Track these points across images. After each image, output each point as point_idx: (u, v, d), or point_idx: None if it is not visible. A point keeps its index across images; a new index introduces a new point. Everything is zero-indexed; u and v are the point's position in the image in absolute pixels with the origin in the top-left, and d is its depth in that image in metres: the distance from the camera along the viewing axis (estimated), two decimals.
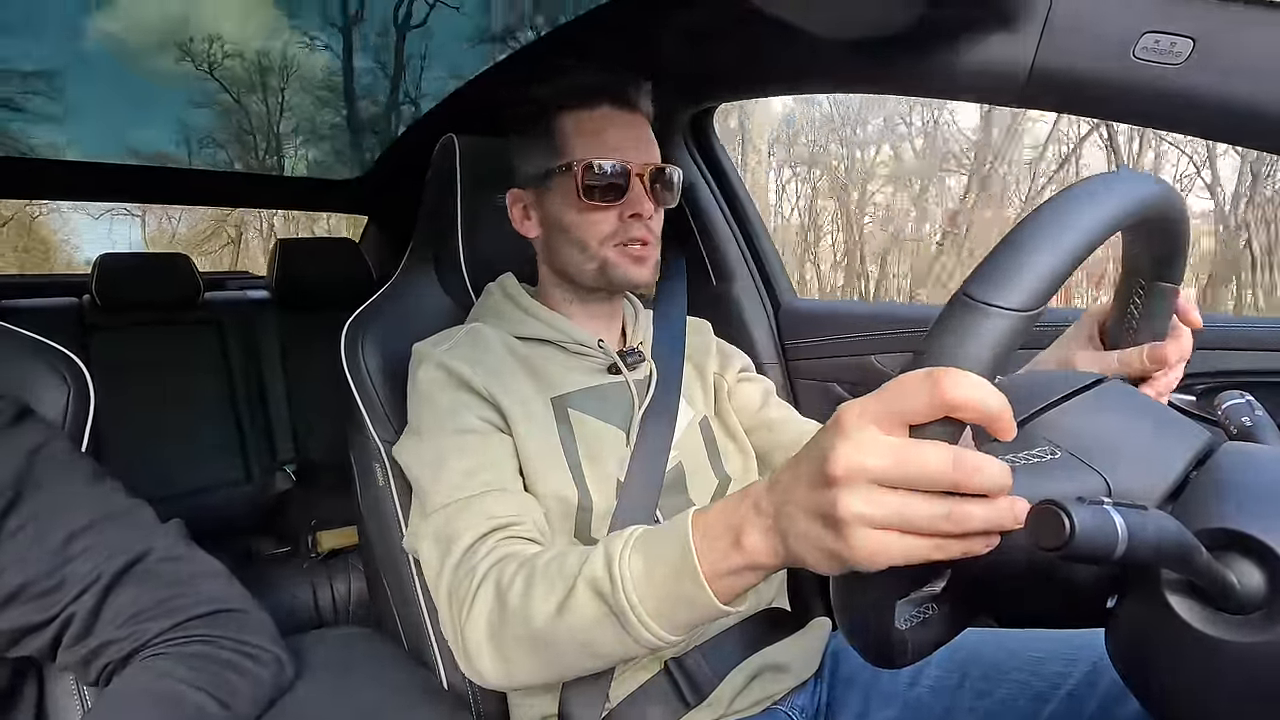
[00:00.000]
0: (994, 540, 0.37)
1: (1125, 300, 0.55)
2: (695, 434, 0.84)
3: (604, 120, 0.79)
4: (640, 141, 0.80)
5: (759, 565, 0.45)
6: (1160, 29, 0.60)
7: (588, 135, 0.79)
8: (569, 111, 0.79)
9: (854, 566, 0.38)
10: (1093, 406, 0.45)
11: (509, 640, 0.59)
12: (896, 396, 0.36)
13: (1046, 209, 0.39)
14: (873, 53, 0.81)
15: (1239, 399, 0.49)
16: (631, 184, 0.78)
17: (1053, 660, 0.69)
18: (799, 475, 0.41)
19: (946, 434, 0.35)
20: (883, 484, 0.36)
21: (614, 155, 0.77)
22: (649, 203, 0.79)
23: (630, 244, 0.79)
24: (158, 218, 12.28)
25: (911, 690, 0.76)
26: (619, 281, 0.80)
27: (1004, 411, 0.35)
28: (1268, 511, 0.35)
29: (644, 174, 0.78)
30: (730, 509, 0.47)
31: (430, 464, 0.71)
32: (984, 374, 0.35)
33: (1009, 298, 0.35)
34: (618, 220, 0.79)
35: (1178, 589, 0.36)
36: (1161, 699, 0.40)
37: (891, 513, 0.36)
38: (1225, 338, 0.85)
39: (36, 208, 11.07)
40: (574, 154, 0.78)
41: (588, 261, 0.80)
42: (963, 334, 0.36)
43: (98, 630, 0.57)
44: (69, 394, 0.71)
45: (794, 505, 0.41)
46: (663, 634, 0.51)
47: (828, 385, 1.21)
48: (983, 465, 0.35)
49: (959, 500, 0.35)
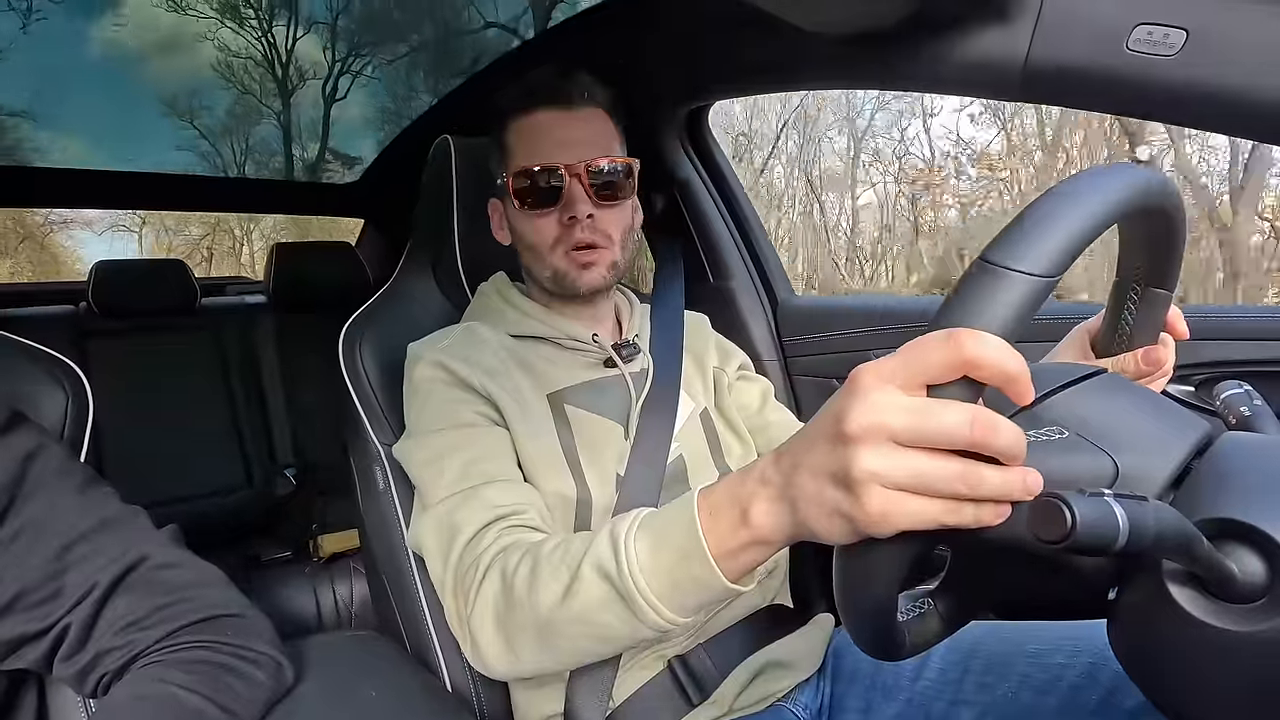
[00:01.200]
0: (1005, 510, 0.36)
1: (1119, 307, 0.56)
2: (696, 426, 0.84)
3: (543, 123, 0.78)
4: (582, 139, 0.78)
5: (766, 540, 0.45)
6: (1153, 20, 0.60)
7: (524, 141, 0.78)
8: (511, 119, 0.80)
9: (866, 530, 0.37)
10: (1096, 393, 0.45)
11: (515, 628, 0.59)
12: (916, 356, 0.36)
13: (1068, 183, 0.39)
14: (867, 47, 0.81)
15: (1238, 389, 0.49)
16: (568, 186, 0.76)
17: (1055, 653, 0.69)
18: (812, 437, 0.40)
19: (965, 395, 0.35)
20: (899, 442, 0.36)
21: (547, 158, 0.76)
22: (586, 204, 0.77)
23: (577, 249, 0.78)
24: (155, 231, 12.89)
25: (914, 685, 0.76)
26: (570, 289, 0.80)
27: (1023, 373, 0.35)
28: (1268, 501, 0.35)
29: (580, 173, 0.77)
30: (736, 484, 0.47)
31: (429, 460, 0.71)
32: (1003, 335, 0.35)
33: (1028, 262, 0.36)
34: (559, 225, 0.78)
35: (1179, 579, 0.36)
36: (1164, 689, 0.40)
37: (907, 471, 0.35)
38: (1223, 328, 0.85)
39: (48, 225, 11.95)
40: (513, 161, 0.78)
41: (543, 269, 0.80)
42: (982, 297, 0.36)
43: (94, 640, 0.56)
44: (67, 401, 0.70)
45: (805, 469, 0.40)
46: (671, 615, 0.51)
47: (827, 381, 1.21)
48: (1000, 425, 0.34)
49: (974, 462, 0.35)
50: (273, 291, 2.05)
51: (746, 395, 0.93)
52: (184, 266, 1.98)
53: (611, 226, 0.79)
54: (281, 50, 1.88)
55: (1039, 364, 0.56)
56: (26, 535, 0.57)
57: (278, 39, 1.84)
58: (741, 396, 0.93)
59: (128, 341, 1.87)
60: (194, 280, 1.96)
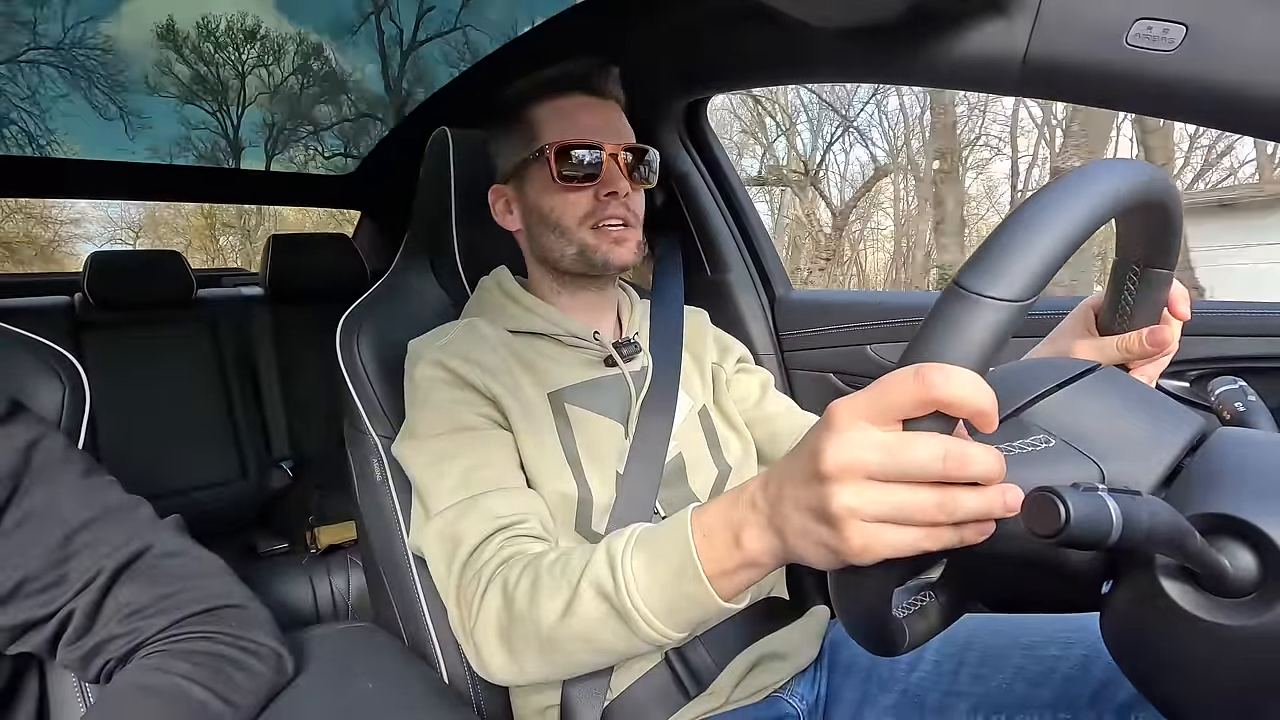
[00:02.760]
0: (988, 528, 0.37)
1: (1119, 287, 0.56)
2: (695, 424, 0.85)
3: (575, 105, 0.80)
4: (612, 124, 0.81)
5: (759, 563, 0.46)
6: (1152, 15, 0.60)
7: (560, 120, 0.80)
8: (541, 101, 0.81)
9: (850, 560, 0.38)
10: (1086, 394, 0.45)
11: (518, 642, 0.60)
12: (884, 393, 0.36)
13: (1038, 198, 0.39)
14: (867, 41, 0.81)
15: (1232, 384, 0.49)
16: (605, 164, 0.78)
17: (1048, 645, 0.70)
18: (792, 472, 0.41)
19: (939, 427, 0.36)
20: (875, 478, 0.36)
21: (586, 137, 0.78)
22: (624, 181, 0.79)
23: (608, 224, 0.79)
24: (150, 241, 13.58)
25: (910, 676, 0.76)
26: (599, 264, 0.80)
27: (991, 407, 0.35)
28: (1260, 496, 0.36)
29: (618, 154, 0.79)
30: (728, 507, 0.47)
31: (431, 464, 0.71)
32: (976, 365, 0.35)
33: (1001, 288, 0.35)
34: (594, 200, 0.79)
35: (1172, 574, 0.36)
36: (1156, 683, 0.40)
37: (885, 505, 0.36)
38: (1217, 323, 0.85)
39: (55, 240, 12.55)
40: (547, 139, 0.79)
41: (567, 245, 0.81)
42: (955, 325, 0.36)
43: (98, 627, 0.57)
44: (64, 391, 0.70)
45: (789, 502, 0.41)
46: (668, 631, 0.53)
47: (824, 376, 1.21)
48: (972, 455, 0.35)
49: (950, 489, 0.36)
50: (269, 283, 2.04)
51: (746, 388, 0.93)
52: (180, 258, 1.96)
53: (639, 209, 0.82)
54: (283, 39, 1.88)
55: (1028, 363, 0.56)
56: (30, 523, 0.57)
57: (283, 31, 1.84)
58: (741, 389, 0.93)
59: (124, 333, 1.86)
60: (190, 272, 1.95)
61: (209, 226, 14.71)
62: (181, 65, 1.94)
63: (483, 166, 0.90)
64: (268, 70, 2.06)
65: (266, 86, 2.09)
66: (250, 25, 1.99)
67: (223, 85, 2.06)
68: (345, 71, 2.07)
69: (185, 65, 1.94)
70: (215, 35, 1.97)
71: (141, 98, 1.93)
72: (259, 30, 1.99)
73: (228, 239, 14.47)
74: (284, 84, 2.07)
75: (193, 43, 1.96)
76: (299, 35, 1.98)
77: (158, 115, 2.00)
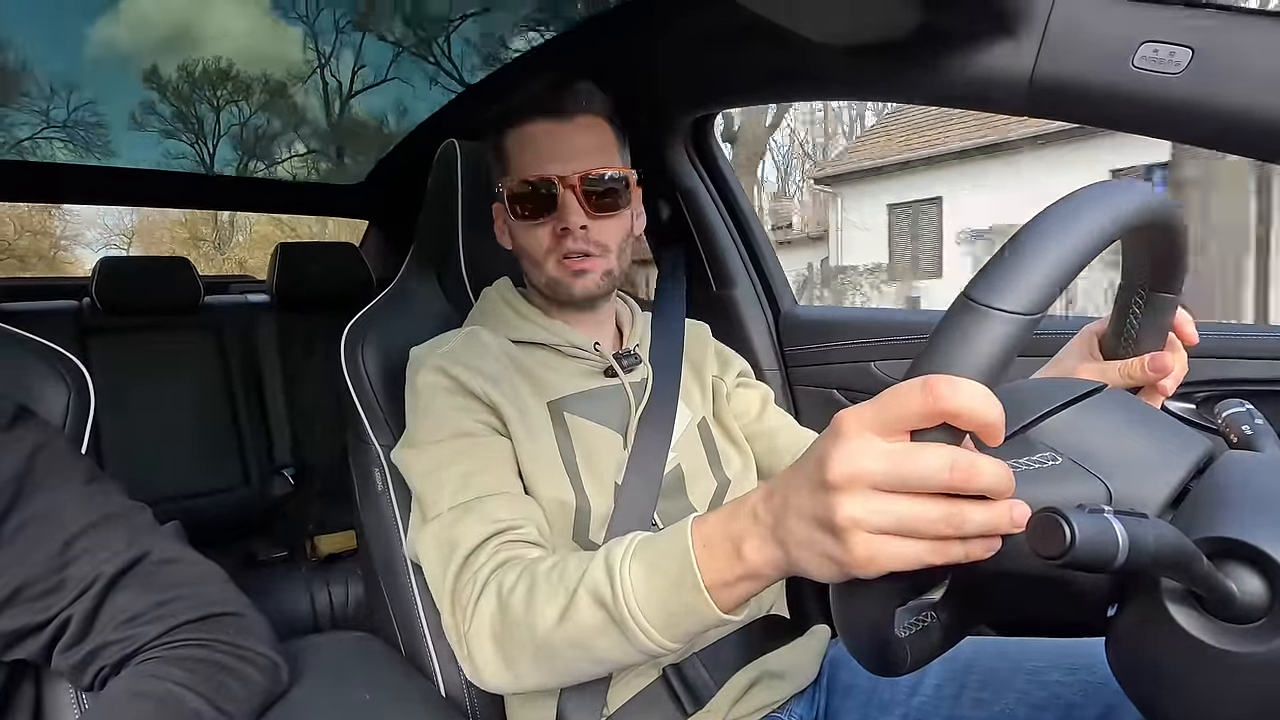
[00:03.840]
0: (995, 544, 0.37)
1: (1124, 311, 0.55)
2: (694, 436, 0.84)
3: (536, 133, 0.79)
4: (576, 150, 0.78)
5: (760, 575, 0.45)
6: (1159, 39, 0.61)
7: (521, 150, 0.80)
8: (508, 128, 0.81)
9: (854, 572, 0.38)
10: (1094, 413, 0.45)
11: (512, 647, 0.59)
12: (892, 404, 0.36)
13: (1050, 213, 0.39)
14: (874, 59, 0.81)
15: (1239, 407, 0.49)
16: (561, 197, 0.77)
17: (1052, 669, 0.69)
18: (798, 482, 0.41)
19: (946, 438, 0.35)
20: (881, 489, 0.36)
21: (541, 169, 0.77)
22: (579, 215, 0.77)
23: (569, 257, 0.79)
24: (144, 245, 15.08)
25: (911, 699, 0.75)
26: (564, 296, 0.81)
27: (998, 420, 0.35)
28: (1268, 520, 0.35)
29: (575, 185, 0.77)
30: (729, 518, 0.47)
31: (429, 470, 0.71)
32: (985, 377, 0.35)
33: (1011, 301, 0.35)
34: (552, 236, 0.79)
35: (1178, 598, 0.36)
36: (1161, 709, 0.40)
37: (889, 517, 0.36)
38: (1225, 346, 0.85)
39: (55, 246, 13.99)
40: (511, 171, 0.80)
41: (539, 276, 0.82)
42: (965, 337, 0.35)
43: (94, 633, 0.56)
44: (70, 396, 0.71)
45: (793, 512, 0.41)
46: (664, 642, 0.52)
47: (828, 392, 1.21)
48: (980, 466, 0.34)
49: (957, 502, 0.35)
50: (275, 291, 2.05)
51: (746, 402, 0.93)
52: (188, 264, 1.98)
53: (607, 236, 0.80)
54: (291, 48, 1.93)
55: (1037, 381, 0.56)
56: (31, 528, 0.57)
57: (291, 37, 1.89)
58: (741, 403, 0.93)
59: (130, 338, 1.87)
60: (198, 278, 1.96)
61: (191, 238, 16.08)
62: (164, 104, 2.13)
63: (489, 179, 0.91)
64: (238, 106, 2.21)
65: (238, 120, 2.26)
66: (224, 66, 2.14)
67: (199, 120, 2.24)
68: (302, 109, 2.22)
69: (167, 104, 2.13)
70: (193, 76, 2.12)
71: (124, 132, 2.11)
72: (230, 71, 2.15)
73: (202, 250, 15.64)
74: (251, 118, 2.25)
75: (174, 84, 2.09)
76: (265, 76, 2.18)
77: (142, 149, 2.19)
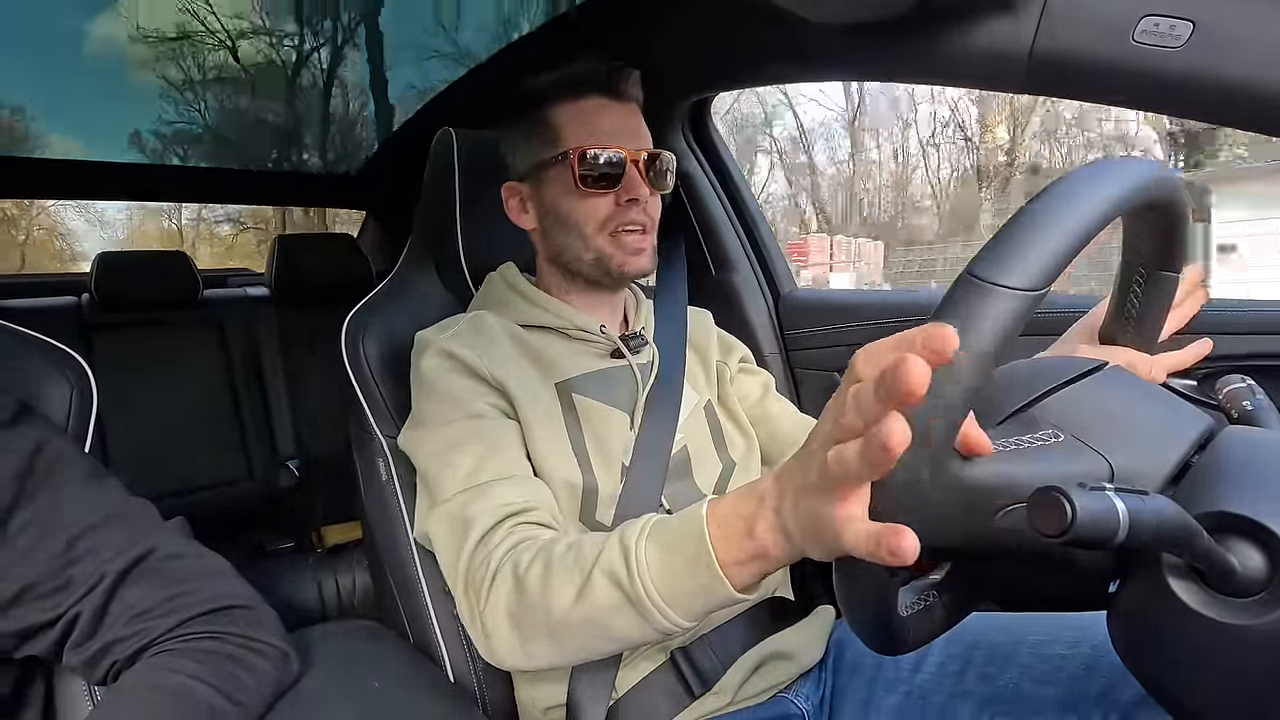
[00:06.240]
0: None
1: (1125, 291, 0.55)
2: (700, 418, 0.85)
3: (596, 110, 0.80)
4: (632, 129, 0.81)
5: (771, 555, 0.47)
6: (1159, 12, 0.60)
7: (581, 124, 0.79)
8: (561, 103, 0.80)
9: (849, 552, 0.38)
10: (1094, 391, 0.45)
11: (528, 625, 0.60)
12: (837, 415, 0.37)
13: (1053, 190, 0.39)
14: (872, 38, 0.81)
15: (1240, 383, 0.49)
16: (627, 170, 0.79)
17: (1055, 644, 0.69)
18: (803, 464, 0.42)
19: (938, 412, 0.34)
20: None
21: (608, 142, 0.78)
22: (644, 187, 0.79)
23: (627, 231, 0.79)
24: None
25: (915, 676, 0.76)
26: (615, 273, 0.81)
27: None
28: (1268, 495, 0.35)
29: (638, 160, 0.79)
30: (742, 500, 0.49)
31: (439, 452, 0.71)
32: (988, 353, 0.35)
33: (1014, 277, 0.35)
34: (614, 205, 0.79)
35: (1179, 573, 0.36)
36: (1163, 682, 0.40)
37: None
38: (1226, 321, 0.85)
39: (60, 243, 14.71)
40: (569, 143, 0.79)
41: (585, 251, 0.81)
42: (967, 313, 0.36)
43: (104, 629, 0.57)
44: (72, 392, 0.71)
45: (799, 494, 0.42)
46: (679, 620, 0.53)
47: (829, 375, 1.21)
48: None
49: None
50: (275, 283, 2.05)
51: (747, 387, 0.94)
52: (186, 258, 1.97)
53: (657, 214, 0.83)
54: (285, 38, 1.90)
55: (1039, 360, 0.56)
56: (35, 528, 0.57)
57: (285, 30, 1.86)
58: (742, 388, 0.93)
59: (131, 333, 1.87)
60: (196, 272, 1.95)
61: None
62: (158, 97, 1.96)
63: (488, 166, 0.90)
64: (231, 97, 2.09)
65: (231, 110, 2.12)
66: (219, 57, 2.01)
67: (190, 111, 2.10)
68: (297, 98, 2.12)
69: (160, 95, 1.95)
70: (184, 65, 2.02)
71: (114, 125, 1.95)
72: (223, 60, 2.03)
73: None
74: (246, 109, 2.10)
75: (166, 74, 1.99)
76: (257, 64, 1.93)
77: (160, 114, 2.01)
